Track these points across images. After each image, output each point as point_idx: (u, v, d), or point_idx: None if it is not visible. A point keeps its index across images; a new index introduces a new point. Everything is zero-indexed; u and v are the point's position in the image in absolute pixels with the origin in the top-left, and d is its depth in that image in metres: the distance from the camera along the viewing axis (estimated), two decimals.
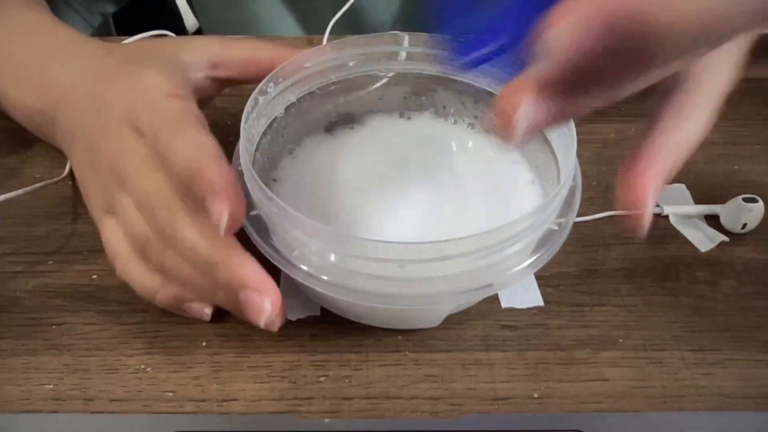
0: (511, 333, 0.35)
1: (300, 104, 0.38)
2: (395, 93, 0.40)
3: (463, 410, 0.32)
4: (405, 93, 0.40)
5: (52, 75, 0.40)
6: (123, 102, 0.34)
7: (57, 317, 0.35)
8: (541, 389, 0.32)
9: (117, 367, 0.33)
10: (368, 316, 0.34)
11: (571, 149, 0.32)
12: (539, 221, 0.30)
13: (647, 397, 0.32)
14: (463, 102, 0.39)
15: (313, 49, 0.37)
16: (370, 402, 0.32)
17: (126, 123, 0.33)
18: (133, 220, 0.32)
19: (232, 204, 0.29)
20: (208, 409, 0.32)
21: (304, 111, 0.38)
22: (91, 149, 0.35)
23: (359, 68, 0.38)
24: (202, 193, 0.29)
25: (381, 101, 0.40)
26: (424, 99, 0.40)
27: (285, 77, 0.36)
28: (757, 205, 0.39)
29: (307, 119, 0.39)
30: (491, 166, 0.38)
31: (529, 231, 0.30)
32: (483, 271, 0.30)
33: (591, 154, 0.45)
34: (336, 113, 0.40)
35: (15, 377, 0.33)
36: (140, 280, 0.33)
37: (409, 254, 0.29)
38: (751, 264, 0.38)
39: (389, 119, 0.41)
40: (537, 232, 0.31)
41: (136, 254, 0.33)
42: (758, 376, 0.33)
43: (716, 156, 0.44)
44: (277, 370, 0.33)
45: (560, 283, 0.37)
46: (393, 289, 0.30)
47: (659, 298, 0.36)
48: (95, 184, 0.35)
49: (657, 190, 0.28)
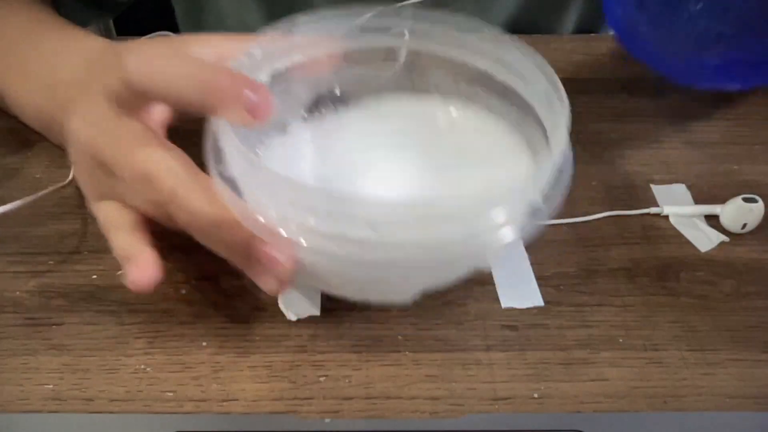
0: (511, 333, 0.35)
1: (286, 78, 0.36)
2: (389, 71, 0.39)
3: (463, 410, 0.32)
4: (398, 71, 0.39)
5: (60, 75, 0.40)
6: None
7: (57, 317, 0.35)
8: (541, 389, 0.32)
9: (117, 367, 0.33)
10: (341, 285, 0.33)
11: (562, 122, 0.31)
12: (523, 191, 0.29)
13: (647, 397, 0.32)
14: (457, 81, 0.38)
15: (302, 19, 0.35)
16: (370, 402, 0.32)
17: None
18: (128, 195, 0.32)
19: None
20: (208, 409, 0.32)
21: (291, 85, 0.37)
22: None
23: (357, 43, 0.37)
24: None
25: (374, 79, 0.39)
26: (415, 77, 0.39)
27: (271, 45, 0.35)
28: (757, 205, 0.39)
29: (294, 94, 0.38)
30: (481, 141, 0.37)
31: (511, 199, 0.29)
32: (461, 243, 0.29)
33: (591, 154, 0.45)
34: (326, 89, 0.38)
35: (15, 377, 0.33)
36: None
37: (383, 213, 0.27)
38: (751, 264, 0.38)
39: (378, 98, 0.39)
40: (520, 204, 0.29)
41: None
42: (758, 376, 0.33)
43: (716, 156, 0.44)
44: (277, 370, 0.33)
45: (560, 283, 0.37)
46: (366, 253, 0.28)
47: (659, 298, 0.36)
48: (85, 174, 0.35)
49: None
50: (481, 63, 0.36)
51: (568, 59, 0.53)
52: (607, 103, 0.49)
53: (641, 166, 0.44)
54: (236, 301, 0.36)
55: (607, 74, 0.52)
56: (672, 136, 0.46)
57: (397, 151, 0.37)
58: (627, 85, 0.50)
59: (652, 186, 0.42)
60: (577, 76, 0.51)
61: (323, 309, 0.36)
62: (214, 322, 0.35)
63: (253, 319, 0.35)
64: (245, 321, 0.35)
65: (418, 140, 0.38)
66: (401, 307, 0.35)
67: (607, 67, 0.53)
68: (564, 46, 0.54)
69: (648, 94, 0.49)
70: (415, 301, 0.36)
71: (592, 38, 0.56)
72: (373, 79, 0.39)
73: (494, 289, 0.37)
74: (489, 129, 0.37)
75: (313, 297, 0.36)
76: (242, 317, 0.35)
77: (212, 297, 0.36)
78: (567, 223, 0.40)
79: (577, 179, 0.42)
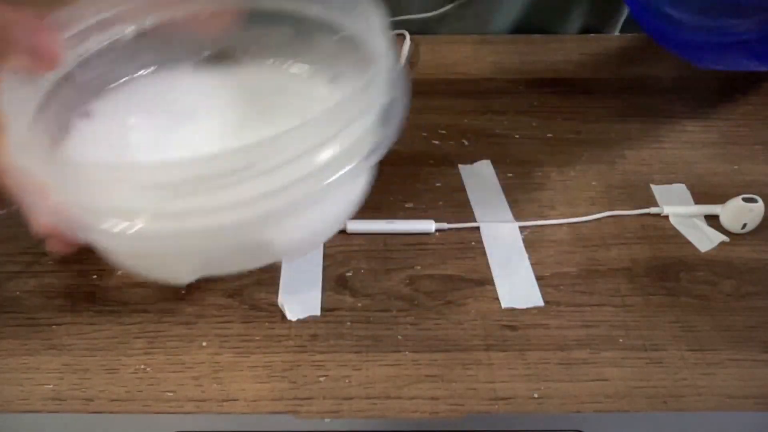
0: (511, 333, 0.35)
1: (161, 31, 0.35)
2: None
3: (463, 410, 0.32)
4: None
5: None
6: None
7: (57, 317, 0.35)
8: (541, 389, 0.32)
9: (117, 367, 0.33)
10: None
11: (377, 30, 0.29)
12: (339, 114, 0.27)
13: (647, 397, 0.32)
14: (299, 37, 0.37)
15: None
16: (370, 402, 0.32)
17: None
18: None
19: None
20: (208, 409, 0.32)
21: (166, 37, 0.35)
22: None
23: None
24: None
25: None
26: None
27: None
28: (757, 205, 0.39)
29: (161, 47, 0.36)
30: (308, 99, 0.36)
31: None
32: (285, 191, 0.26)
33: (591, 154, 0.45)
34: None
35: (15, 377, 0.33)
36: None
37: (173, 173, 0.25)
38: (751, 264, 0.38)
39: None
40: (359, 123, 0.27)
41: None
42: (758, 376, 0.33)
43: (716, 156, 0.44)
44: (277, 370, 0.33)
45: (560, 283, 0.37)
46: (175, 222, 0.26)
47: (659, 298, 0.36)
48: None
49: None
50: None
51: (568, 59, 0.53)
52: (607, 103, 0.49)
53: (641, 166, 0.44)
54: (236, 301, 0.36)
55: (607, 74, 0.52)
56: (672, 136, 0.46)
57: (213, 116, 0.35)
58: (627, 85, 0.50)
59: (652, 186, 0.42)
60: (577, 76, 0.51)
61: (323, 309, 0.36)
62: (214, 322, 0.35)
63: (253, 319, 0.35)
64: (245, 321, 0.35)
65: (241, 105, 0.36)
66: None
67: (607, 67, 0.53)
68: (564, 46, 0.54)
69: (648, 94, 0.49)
70: (415, 302, 0.36)
71: (592, 38, 0.56)
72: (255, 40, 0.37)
73: (494, 289, 0.37)
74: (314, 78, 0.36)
75: (313, 297, 0.36)
76: (242, 317, 0.35)
77: (212, 297, 0.36)
78: (567, 223, 0.40)
79: (577, 179, 0.43)
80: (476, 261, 0.38)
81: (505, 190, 0.42)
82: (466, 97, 0.49)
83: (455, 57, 0.53)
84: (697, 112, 0.48)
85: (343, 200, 0.32)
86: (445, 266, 0.38)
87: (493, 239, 0.39)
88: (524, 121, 0.47)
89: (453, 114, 0.48)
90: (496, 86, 0.50)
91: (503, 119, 0.47)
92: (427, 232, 0.39)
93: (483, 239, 0.39)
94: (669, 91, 0.49)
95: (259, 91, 0.37)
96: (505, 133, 0.46)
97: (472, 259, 0.38)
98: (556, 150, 0.45)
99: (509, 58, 0.53)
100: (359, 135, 0.28)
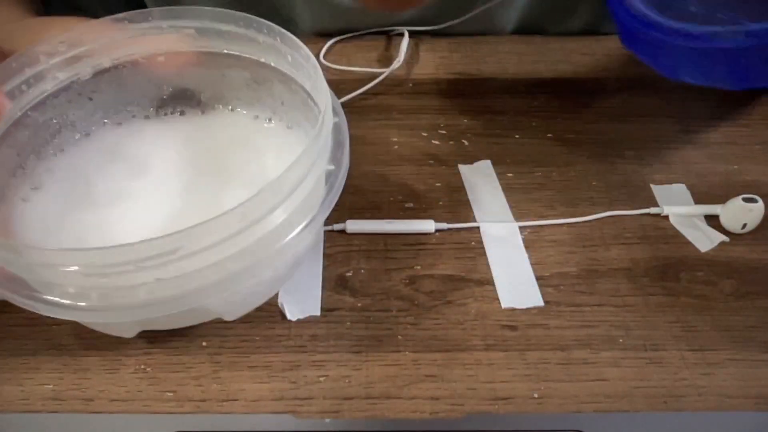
0: (511, 333, 0.35)
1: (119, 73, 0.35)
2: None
3: (463, 410, 0.32)
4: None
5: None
6: None
7: (57, 317, 0.35)
8: (541, 389, 0.32)
9: (117, 367, 0.33)
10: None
11: (321, 86, 0.29)
12: (301, 174, 0.27)
13: (647, 397, 0.32)
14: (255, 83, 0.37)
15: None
16: (370, 402, 0.32)
17: None
18: None
19: None
20: (208, 409, 0.32)
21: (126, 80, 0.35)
22: None
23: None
24: None
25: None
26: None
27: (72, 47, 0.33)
28: (757, 205, 0.39)
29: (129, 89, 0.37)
30: (251, 142, 0.36)
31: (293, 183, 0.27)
32: (249, 250, 0.27)
33: (591, 154, 0.45)
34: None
35: (15, 377, 0.33)
36: None
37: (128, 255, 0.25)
38: (751, 264, 0.38)
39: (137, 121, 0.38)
40: (303, 186, 0.27)
41: None
42: (758, 376, 0.33)
43: (716, 156, 0.44)
44: (277, 370, 0.33)
45: (560, 283, 0.37)
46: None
47: (659, 298, 0.36)
48: None
49: None
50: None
51: (568, 59, 0.53)
52: (607, 103, 0.49)
53: (641, 166, 0.44)
54: None
55: (607, 74, 0.52)
56: (672, 136, 0.46)
57: (170, 168, 0.35)
58: (627, 85, 0.50)
59: (652, 186, 0.42)
60: (577, 76, 0.51)
61: (323, 309, 0.36)
62: (214, 322, 0.35)
63: (253, 319, 0.35)
64: (245, 321, 0.35)
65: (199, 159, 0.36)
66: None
67: (607, 67, 0.53)
68: (564, 46, 0.54)
69: (648, 94, 0.49)
70: (415, 302, 0.36)
71: (592, 38, 0.56)
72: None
73: (494, 289, 0.37)
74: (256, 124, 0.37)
75: (313, 297, 0.36)
76: (242, 317, 0.35)
77: None
78: (567, 223, 0.40)
79: (577, 179, 0.43)
80: (476, 261, 0.38)
81: (505, 190, 0.42)
82: (466, 97, 0.49)
83: (455, 57, 0.53)
84: (697, 112, 0.48)
85: (282, 266, 0.32)
86: (445, 266, 0.38)
87: (493, 239, 0.39)
88: (524, 121, 0.47)
89: (453, 114, 0.48)
90: (496, 86, 0.50)
91: (503, 119, 0.47)
92: (426, 232, 0.39)
93: (483, 239, 0.39)
94: (669, 91, 0.49)
95: (217, 138, 0.37)
96: (505, 133, 0.46)
97: (472, 259, 0.38)
98: (556, 150, 0.45)
99: (509, 58, 0.53)
100: (299, 204, 0.28)
